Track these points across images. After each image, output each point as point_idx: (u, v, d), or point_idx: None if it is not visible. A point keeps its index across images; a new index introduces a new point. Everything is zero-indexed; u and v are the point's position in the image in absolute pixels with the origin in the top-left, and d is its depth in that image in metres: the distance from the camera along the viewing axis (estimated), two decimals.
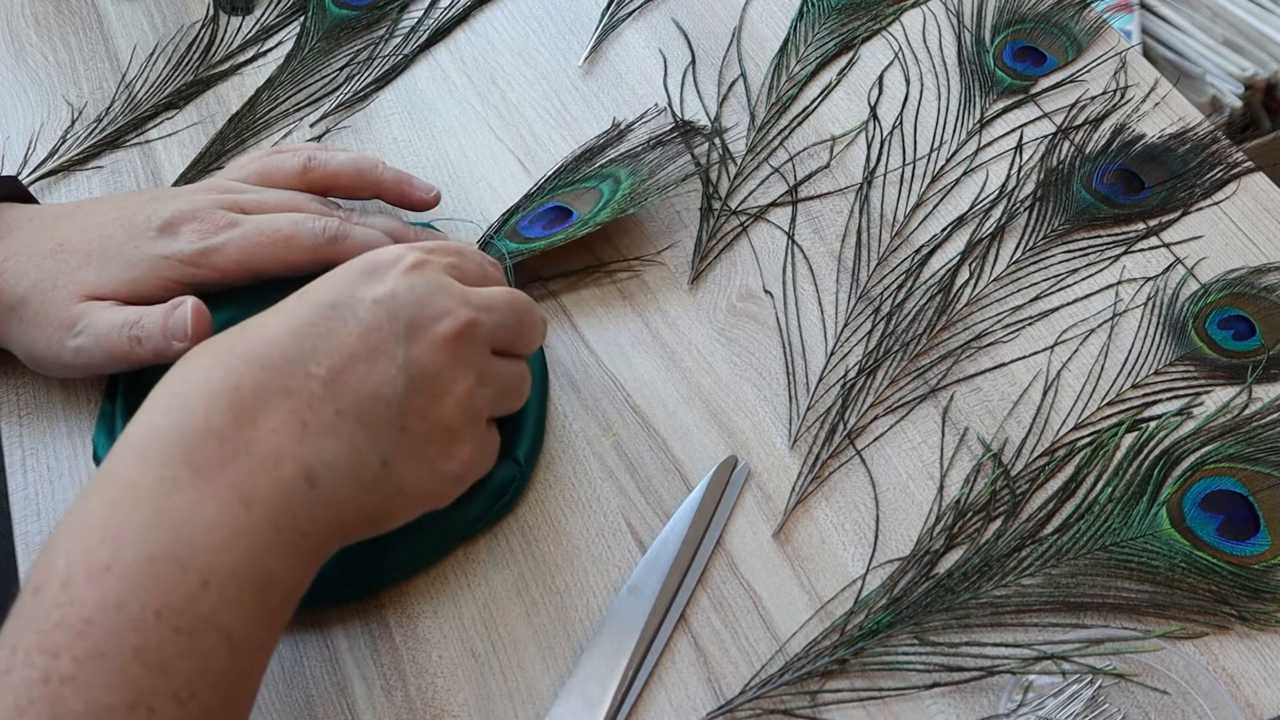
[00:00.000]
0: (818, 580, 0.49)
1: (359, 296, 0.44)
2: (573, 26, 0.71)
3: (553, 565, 0.50)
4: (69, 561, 0.37)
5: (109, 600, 0.36)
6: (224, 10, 0.72)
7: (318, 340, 0.42)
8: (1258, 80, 1.24)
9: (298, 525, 0.40)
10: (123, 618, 0.36)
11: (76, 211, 0.54)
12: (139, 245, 0.51)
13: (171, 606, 0.36)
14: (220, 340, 0.43)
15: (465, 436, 0.45)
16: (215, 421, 0.40)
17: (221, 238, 0.52)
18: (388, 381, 0.43)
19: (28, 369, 0.54)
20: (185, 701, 0.36)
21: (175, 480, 0.38)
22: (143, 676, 0.35)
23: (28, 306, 0.51)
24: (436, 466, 0.44)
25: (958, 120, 0.65)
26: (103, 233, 0.52)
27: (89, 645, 0.35)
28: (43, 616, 0.36)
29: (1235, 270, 0.58)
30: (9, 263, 0.51)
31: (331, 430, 0.41)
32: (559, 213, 0.59)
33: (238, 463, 0.39)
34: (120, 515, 0.37)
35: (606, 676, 0.46)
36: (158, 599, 0.36)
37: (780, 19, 0.70)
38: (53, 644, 0.35)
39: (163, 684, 0.36)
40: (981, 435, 0.53)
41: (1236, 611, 0.47)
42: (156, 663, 0.36)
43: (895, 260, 0.59)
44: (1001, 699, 0.45)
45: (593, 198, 0.60)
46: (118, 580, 0.36)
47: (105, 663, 0.35)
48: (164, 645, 0.36)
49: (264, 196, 0.55)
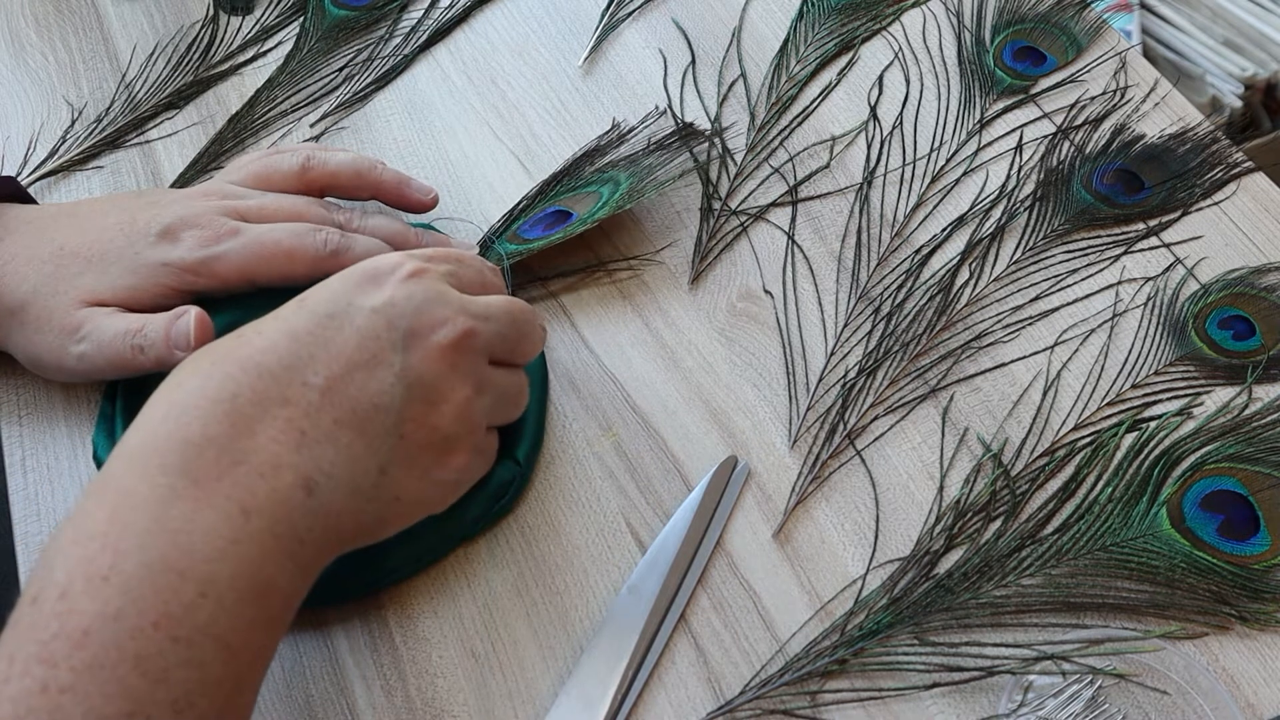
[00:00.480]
0: (818, 580, 0.49)
1: (357, 305, 0.44)
2: (573, 26, 0.71)
3: (553, 565, 0.50)
4: (67, 571, 0.36)
5: (108, 610, 0.36)
6: (224, 10, 0.72)
7: (315, 349, 0.42)
8: (1258, 80, 1.24)
9: (296, 534, 0.40)
10: (121, 628, 0.35)
11: (75, 213, 0.54)
12: (139, 251, 0.51)
13: (170, 616, 0.36)
14: (218, 347, 0.43)
15: (462, 445, 0.45)
16: (213, 430, 0.40)
17: (223, 247, 0.51)
18: (385, 390, 0.43)
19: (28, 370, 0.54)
20: (183, 710, 0.36)
21: (173, 489, 0.38)
22: (141, 686, 0.35)
23: (28, 311, 0.51)
24: (433, 474, 0.45)
25: (958, 120, 0.65)
26: (103, 237, 0.52)
27: (87, 656, 0.35)
28: (41, 626, 0.36)
29: (1235, 270, 0.58)
30: (9, 266, 0.51)
31: (329, 439, 0.41)
32: (559, 215, 0.59)
33: (236, 472, 0.39)
34: (119, 524, 0.37)
35: (606, 676, 0.46)
36: (156, 609, 0.36)
37: (780, 19, 0.70)
38: (51, 654, 0.35)
39: (161, 693, 0.35)
40: (981, 435, 0.53)
41: (1236, 611, 0.47)
42: (155, 672, 0.35)
43: (895, 260, 0.59)
44: (1001, 699, 0.45)
45: (592, 200, 0.60)
46: (116, 590, 0.36)
47: (104, 673, 0.35)
48: (162, 655, 0.36)
49: (264, 202, 0.54)
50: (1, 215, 0.53)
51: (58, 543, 0.38)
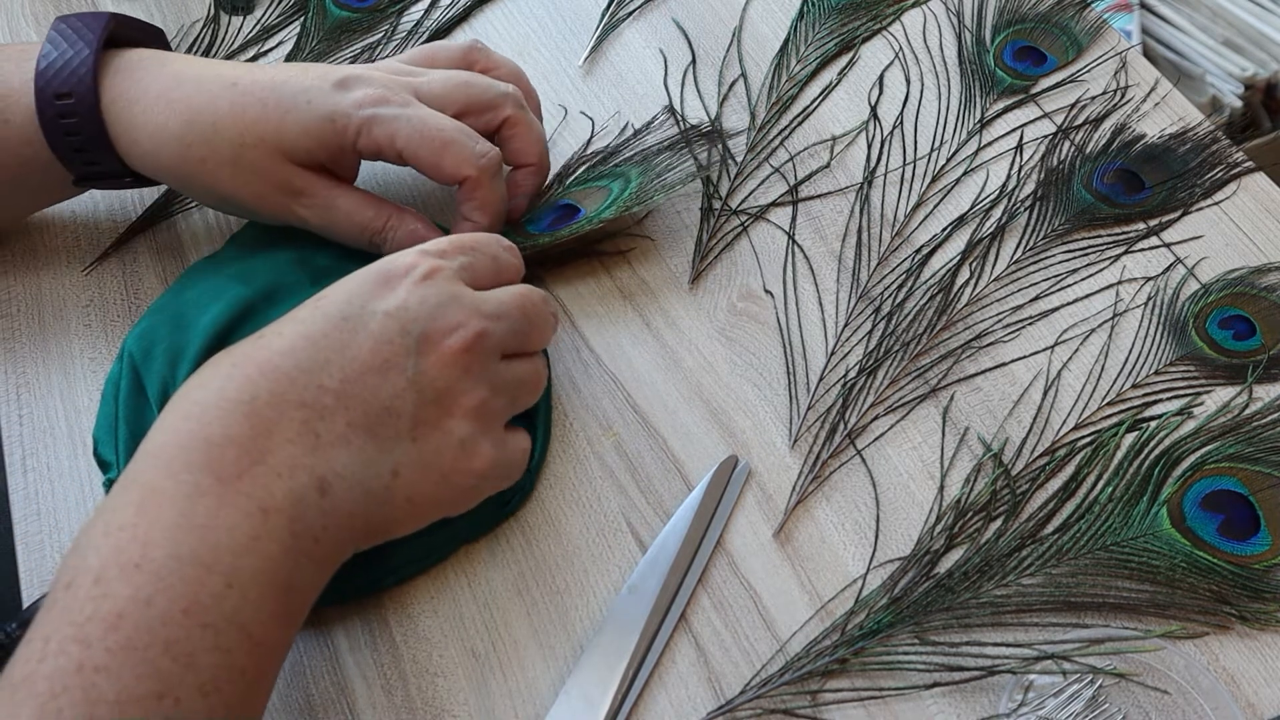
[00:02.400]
0: (818, 580, 0.49)
1: (371, 309, 0.44)
2: (573, 26, 0.71)
3: (553, 565, 0.50)
4: (100, 559, 0.38)
5: (140, 596, 0.37)
6: (224, 10, 0.72)
7: (330, 353, 0.43)
8: (1258, 80, 1.24)
9: (311, 532, 0.41)
10: (153, 613, 0.37)
11: (241, 64, 0.55)
12: (311, 99, 0.51)
13: (198, 604, 0.38)
14: (240, 349, 0.44)
15: (478, 448, 0.46)
16: (234, 430, 0.41)
17: (391, 110, 0.52)
18: (399, 395, 0.43)
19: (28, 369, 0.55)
20: (210, 694, 0.37)
21: (197, 485, 0.40)
22: (171, 669, 0.37)
23: (218, 146, 0.51)
24: (449, 478, 0.45)
25: (958, 120, 0.65)
26: (276, 76, 0.52)
27: (121, 638, 0.36)
28: (76, 609, 0.37)
29: (1235, 270, 0.58)
30: (193, 100, 0.52)
31: (343, 441, 0.42)
32: (566, 210, 0.59)
33: (255, 471, 0.40)
34: (147, 517, 0.39)
35: (607, 676, 0.46)
36: (185, 597, 0.37)
37: (780, 19, 0.70)
38: (86, 635, 0.36)
39: (190, 677, 0.37)
40: (982, 435, 0.53)
41: (1237, 611, 0.47)
42: (184, 657, 0.37)
43: (895, 260, 0.59)
44: (1002, 699, 0.45)
45: (601, 196, 0.60)
46: (147, 578, 0.37)
47: (136, 654, 0.36)
48: (191, 640, 0.37)
49: (433, 76, 0.55)
50: (168, 60, 0.54)
51: (89, 534, 0.39)
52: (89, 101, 0.51)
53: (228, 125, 0.51)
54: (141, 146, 0.52)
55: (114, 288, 0.60)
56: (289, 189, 0.53)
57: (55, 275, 0.60)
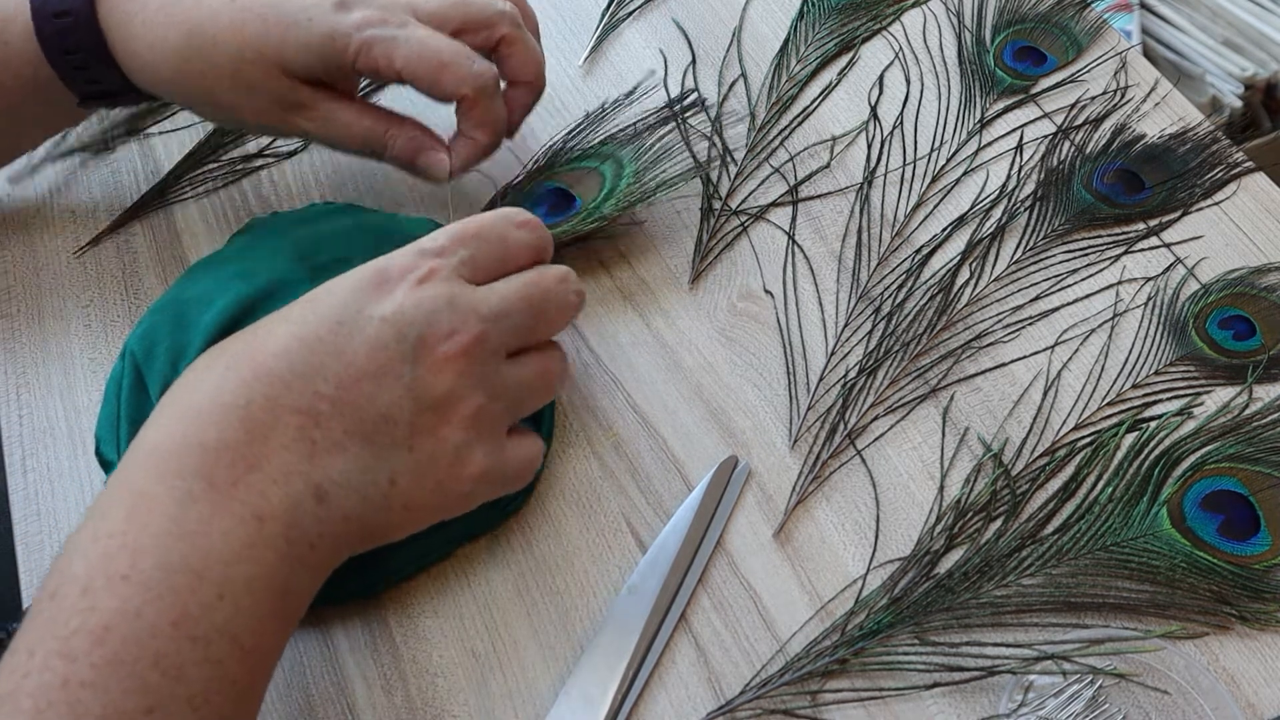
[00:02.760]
0: (818, 580, 0.49)
1: (367, 313, 0.43)
2: (573, 26, 0.71)
3: (553, 565, 0.50)
4: (88, 568, 0.37)
5: (128, 608, 0.36)
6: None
7: (326, 358, 0.42)
8: (1258, 80, 1.24)
9: (307, 539, 0.41)
10: (141, 626, 0.36)
11: None
12: (311, 15, 0.52)
13: (188, 616, 0.37)
14: (232, 347, 0.43)
15: (471, 456, 0.44)
16: (228, 436, 0.40)
17: (390, 32, 0.52)
18: (395, 402, 0.43)
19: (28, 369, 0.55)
20: (200, 707, 0.36)
21: (190, 492, 0.39)
22: (160, 683, 0.36)
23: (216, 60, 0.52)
24: (444, 485, 0.44)
25: (958, 120, 0.65)
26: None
27: (108, 652, 0.35)
28: (61, 621, 0.36)
29: (1235, 270, 0.58)
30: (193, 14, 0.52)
31: (339, 449, 0.42)
32: (560, 196, 0.59)
33: (250, 477, 0.40)
34: (137, 524, 0.38)
35: (606, 676, 0.46)
36: (174, 609, 0.37)
37: (780, 19, 0.70)
38: (71, 649, 0.35)
39: (179, 690, 0.36)
40: (982, 435, 0.53)
41: (1237, 611, 0.47)
42: (173, 670, 0.36)
43: (895, 260, 0.59)
44: (1002, 699, 0.45)
45: (594, 181, 0.59)
46: (136, 589, 0.36)
47: (124, 669, 0.35)
48: (180, 653, 0.36)
49: None
50: None
51: (76, 540, 0.38)
52: (86, 15, 0.52)
53: (227, 39, 0.52)
54: (141, 58, 0.53)
55: (114, 288, 0.60)
56: (288, 103, 0.53)
57: (55, 276, 0.60)
